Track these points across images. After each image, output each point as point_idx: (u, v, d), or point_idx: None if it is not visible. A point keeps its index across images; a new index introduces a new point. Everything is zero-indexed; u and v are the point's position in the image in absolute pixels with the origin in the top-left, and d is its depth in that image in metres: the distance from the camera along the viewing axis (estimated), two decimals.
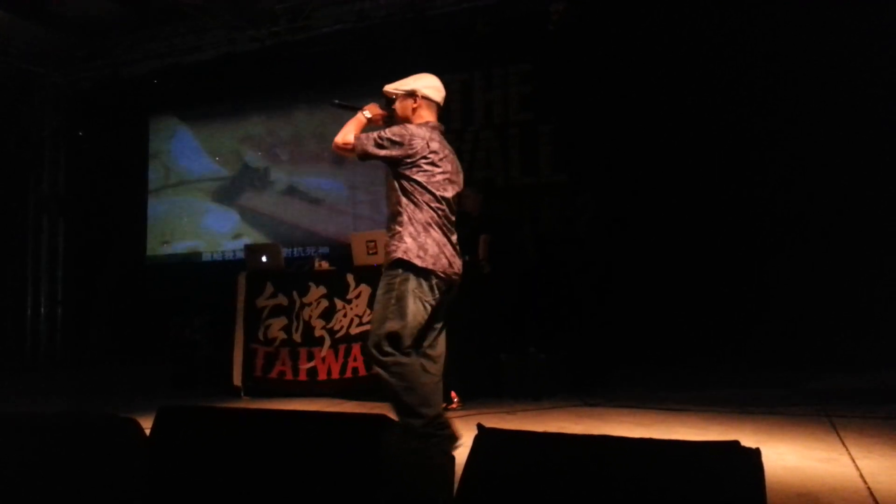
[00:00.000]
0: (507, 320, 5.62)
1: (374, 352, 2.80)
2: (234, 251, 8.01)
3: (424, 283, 2.83)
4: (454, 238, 2.97)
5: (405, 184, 2.89)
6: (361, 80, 6.49)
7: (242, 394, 5.42)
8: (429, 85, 3.05)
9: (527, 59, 6.80)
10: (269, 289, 5.53)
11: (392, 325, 2.78)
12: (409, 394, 2.73)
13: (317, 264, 5.70)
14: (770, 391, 4.81)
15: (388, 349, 2.77)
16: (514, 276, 5.72)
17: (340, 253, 6.54)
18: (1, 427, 2.21)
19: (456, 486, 1.76)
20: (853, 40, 5.44)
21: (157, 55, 7.87)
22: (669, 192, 5.95)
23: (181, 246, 8.59)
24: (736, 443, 1.53)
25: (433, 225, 2.87)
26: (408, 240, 2.83)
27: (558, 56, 6.51)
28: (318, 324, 5.31)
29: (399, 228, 2.86)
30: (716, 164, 5.82)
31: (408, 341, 2.80)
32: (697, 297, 5.66)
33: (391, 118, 3.08)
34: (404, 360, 2.78)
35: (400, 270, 2.82)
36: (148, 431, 2.07)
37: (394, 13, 6.79)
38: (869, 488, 2.55)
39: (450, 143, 3.16)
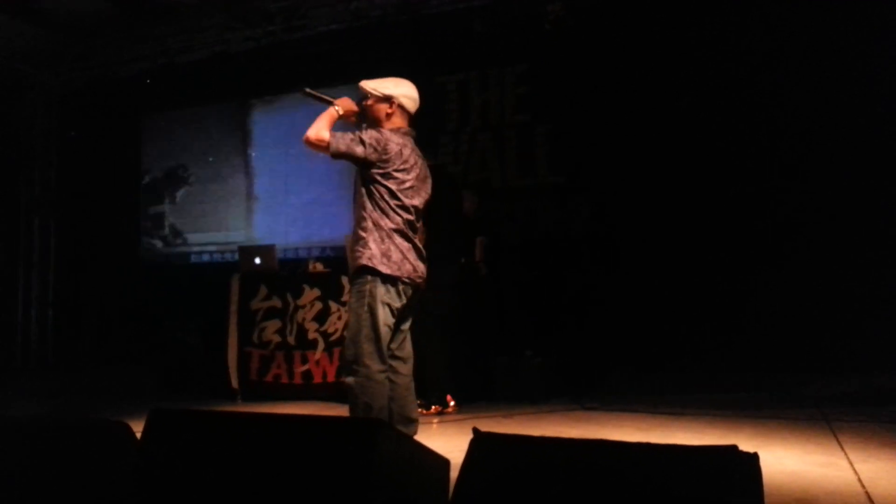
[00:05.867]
0: (503, 323, 5.60)
1: (352, 363, 2.85)
2: (228, 252, 7.97)
3: (392, 289, 2.87)
4: (418, 242, 3.00)
5: (374, 189, 2.90)
6: (357, 80, 6.46)
7: (239, 397, 5.39)
8: (407, 94, 3.04)
9: (523, 60, 6.78)
10: (263, 291, 5.50)
11: (368, 334, 2.83)
12: (367, 409, 2.79)
13: (311, 266, 5.67)
14: (768, 395, 4.81)
15: (367, 362, 2.82)
16: (509, 279, 5.72)
17: (335, 254, 6.50)
18: None
19: (451, 490, 1.74)
20: (849, 45, 5.44)
21: (150, 55, 7.82)
22: (666, 194, 5.94)
23: (174, 247, 8.54)
24: (734, 447, 1.52)
25: (397, 232, 2.90)
26: (372, 246, 2.86)
27: (555, 57, 6.49)
28: (311, 326, 5.28)
29: (364, 234, 2.89)
30: (713, 166, 5.81)
31: (384, 350, 2.86)
32: (695, 300, 5.64)
33: (363, 115, 3.06)
34: (377, 377, 2.83)
35: (368, 277, 2.86)
36: (139, 435, 2.03)
37: (389, 13, 6.76)
38: (867, 493, 2.54)
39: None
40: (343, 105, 2.99)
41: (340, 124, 3.02)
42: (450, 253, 4.59)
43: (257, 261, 5.69)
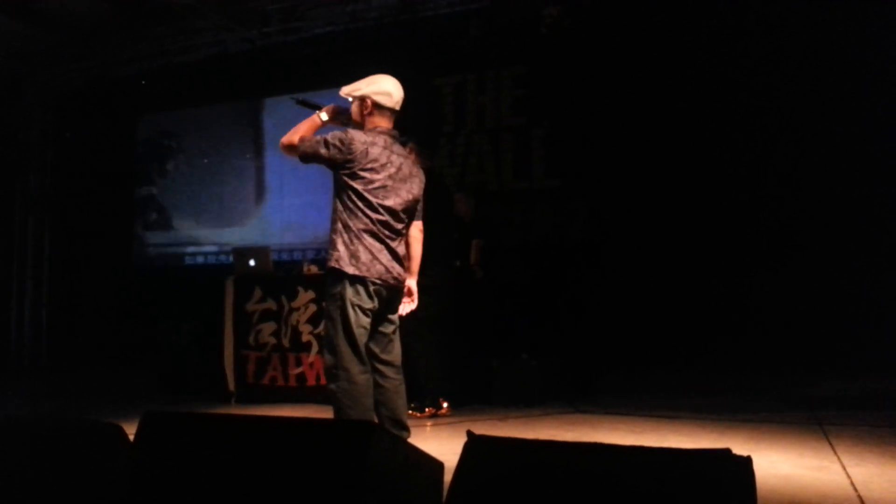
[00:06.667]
0: (498, 325, 5.60)
1: (332, 368, 2.82)
2: (223, 254, 7.95)
3: (361, 290, 2.83)
4: (395, 245, 2.94)
5: (342, 190, 2.88)
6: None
7: (234, 400, 5.37)
8: (377, 90, 2.96)
9: (520, 63, 6.79)
10: (258, 293, 5.48)
11: (343, 337, 2.80)
12: (351, 412, 2.77)
13: (305, 268, 5.66)
14: (762, 398, 4.82)
15: (346, 365, 2.79)
16: (505, 282, 5.71)
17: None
18: None
19: (445, 493, 1.73)
20: (844, 51, 5.46)
21: (147, 55, 7.82)
22: (662, 197, 5.95)
23: (169, 249, 8.52)
24: (727, 450, 1.52)
25: (367, 232, 2.85)
26: (340, 247, 2.85)
27: (551, 60, 6.50)
28: (305, 329, 5.26)
29: (334, 236, 2.89)
30: (709, 169, 5.82)
31: (362, 351, 2.83)
32: (690, 304, 5.65)
33: (349, 120, 3.04)
34: (358, 378, 2.80)
35: (337, 280, 2.84)
36: (133, 437, 2.02)
37: (386, 15, 6.76)
38: (860, 496, 2.55)
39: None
40: (329, 112, 2.98)
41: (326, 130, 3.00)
42: (437, 255, 4.56)
43: (252, 263, 5.67)
